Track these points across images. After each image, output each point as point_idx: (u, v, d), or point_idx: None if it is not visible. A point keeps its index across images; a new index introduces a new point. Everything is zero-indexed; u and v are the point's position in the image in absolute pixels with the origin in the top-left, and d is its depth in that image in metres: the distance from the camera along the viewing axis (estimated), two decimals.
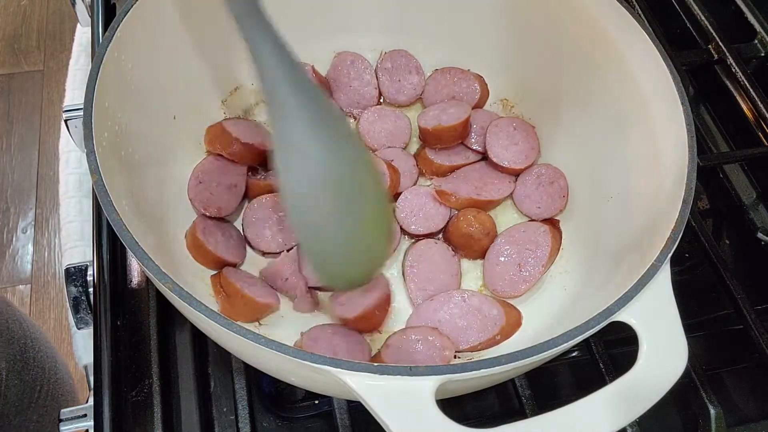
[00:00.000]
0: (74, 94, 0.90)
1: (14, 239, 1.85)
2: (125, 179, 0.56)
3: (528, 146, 0.71)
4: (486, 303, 0.61)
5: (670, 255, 0.49)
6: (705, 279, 0.69)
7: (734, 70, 0.79)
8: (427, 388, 0.42)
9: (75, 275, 0.63)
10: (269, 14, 0.50)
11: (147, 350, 0.59)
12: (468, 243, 0.66)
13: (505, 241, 0.66)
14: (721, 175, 0.78)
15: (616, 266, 0.57)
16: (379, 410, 0.41)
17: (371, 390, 0.42)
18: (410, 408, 0.42)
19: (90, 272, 0.64)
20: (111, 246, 0.64)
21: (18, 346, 0.83)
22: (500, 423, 0.42)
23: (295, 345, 0.58)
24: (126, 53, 0.58)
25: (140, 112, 0.61)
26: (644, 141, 0.61)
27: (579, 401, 0.43)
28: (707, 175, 0.77)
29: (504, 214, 0.71)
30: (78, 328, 0.66)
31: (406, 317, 0.63)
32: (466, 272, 0.67)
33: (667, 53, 0.59)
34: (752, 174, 0.78)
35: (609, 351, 0.60)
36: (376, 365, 0.42)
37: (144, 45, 0.61)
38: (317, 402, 0.61)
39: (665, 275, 0.49)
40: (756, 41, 0.84)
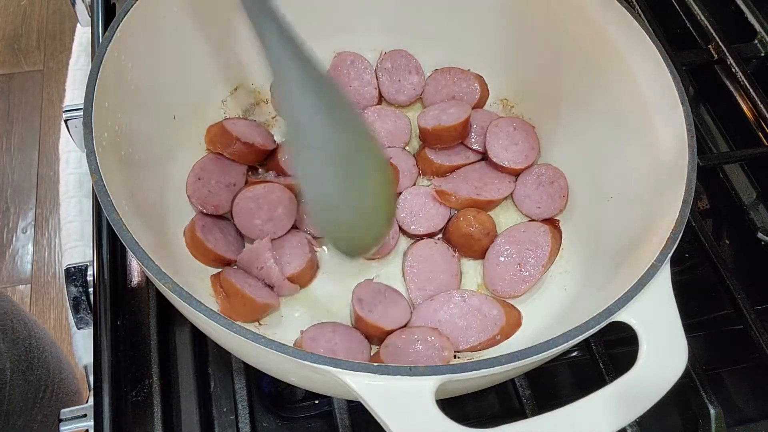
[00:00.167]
0: (74, 94, 0.90)
1: (14, 239, 1.85)
2: (125, 179, 0.56)
3: (528, 146, 0.71)
4: (486, 303, 0.61)
5: (670, 255, 0.49)
6: (705, 279, 0.69)
7: (734, 70, 0.79)
8: (427, 388, 0.42)
9: (75, 275, 0.63)
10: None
11: (147, 350, 0.59)
12: (468, 243, 0.66)
13: (505, 241, 0.66)
14: (721, 175, 0.78)
15: (616, 266, 0.57)
16: (379, 410, 0.41)
17: (371, 390, 0.42)
18: (410, 408, 0.42)
19: (90, 272, 0.64)
20: (111, 246, 0.64)
21: (23, 346, 0.83)
22: (500, 423, 0.42)
23: (295, 344, 0.58)
24: (126, 53, 0.58)
25: (140, 112, 0.61)
26: (644, 141, 0.61)
27: (579, 401, 0.43)
28: (707, 175, 0.77)
29: (504, 214, 0.71)
30: (78, 328, 0.66)
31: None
32: (466, 272, 0.67)
33: (667, 53, 0.59)
34: (752, 174, 0.78)
35: (609, 351, 0.60)
36: (376, 365, 0.42)
37: (144, 45, 0.61)
38: (317, 402, 0.61)
39: (665, 275, 0.49)
40: (756, 41, 0.84)
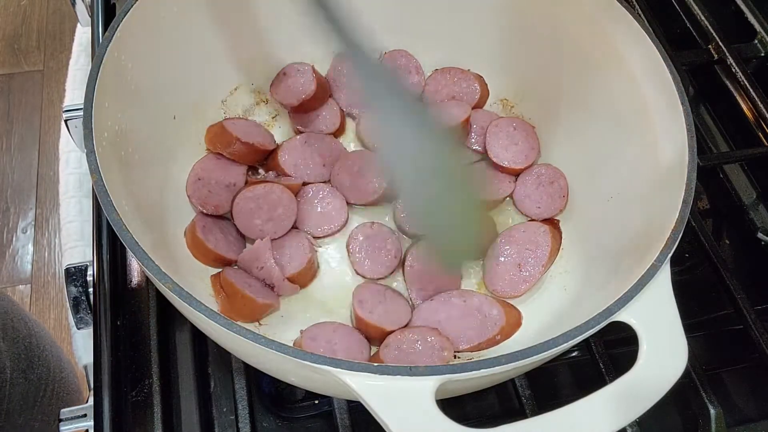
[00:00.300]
0: (74, 94, 0.90)
1: (14, 239, 1.85)
2: (125, 179, 0.56)
3: (528, 146, 0.71)
4: (486, 303, 0.61)
5: (670, 255, 0.49)
6: (705, 279, 0.69)
7: (734, 70, 0.79)
8: (427, 388, 0.42)
9: (75, 275, 0.63)
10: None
11: (147, 350, 0.59)
12: None
13: (505, 241, 0.66)
14: (721, 175, 0.78)
15: (616, 266, 0.57)
16: (379, 410, 0.41)
17: (371, 390, 0.42)
18: (410, 408, 0.42)
19: (90, 272, 0.64)
20: (111, 246, 0.64)
21: (23, 345, 0.83)
22: (500, 423, 0.42)
23: (295, 344, 0.58)
24: (126, 53, 0.58)
25: (140, 112, 0.61)
26: (644, 141, 0.61)
27: (579, 401, 0.43)
28: (707, 175, 0.77)
29: (504, 214, 0.71)
30: (78, 328, 0.66)
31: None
32: (466, 272, 0.67)
33: (667, 53, 0.59)
34: (752, 174, 0.78)
35: (609, 351, 0.60)
36: (376, 365, 0.42)
37: (144, 45, 0.61)
38: (317, 402, 0.61)
39: (665, 275, 0.49)
40: (756, 41, 0.84)
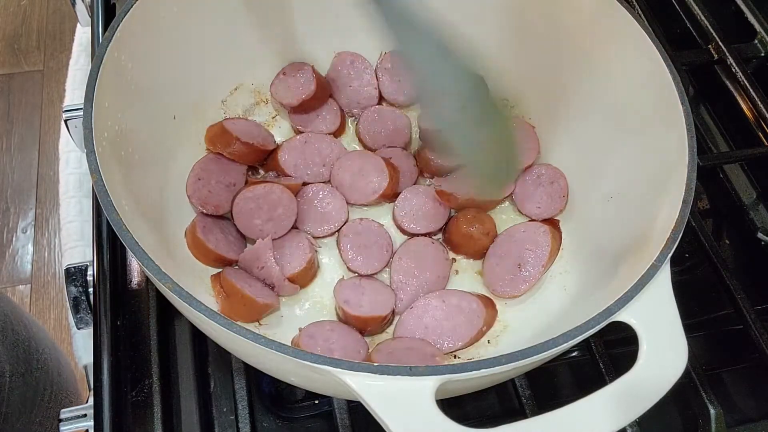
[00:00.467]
0: (74, 94, 0.90)
1: (14, 239, 1.85)
2: (125, 179, 0.56)
3: (528, 146, 0.71)
4: (464, 299, 0.62)
5: (670, 255, 0.49)
6: (705, 279, 0.69)
7: (734, 70, 0.79)
8: (427, 388, 0.42)
9: (75, 275, 0.63)
10: None
11: (147, 350, 0.59)
12: (468, 243, 0.66)
13: (505, 241, 0.66)
14: (721, 175, 0.78)
15: (616, 266, 0.57)
16: (379, 410, 0.41)
17: (371, 390, 0.42)
18: (410, 408, 0.42)
19: (90, 272, 0.64)
20: (111, 246, 0.64)
21: (22, 349, 0.83)
22: (500, 423, 0.42)
23: (292, 342, 0.58)
24: (126, 53, 0.58)
25: (140, 112, 0.61)
26: (644, 141, 0.61)
27: (579, 401, 0.43)
28: (707, 175, 0.77)
29: (504, 214, 0.71)
30: (78, 328, 0.66)
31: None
32: (464, 271, 0.67)
33: (667, 53, 0.59)
34: (752, 174, 0.78)
35: (609, 351, 0.60)
36: (376, 365, 0.42)
37: (144, 45, 0.61)
38: (317, 402, 0.61)
39: (665, 275, 0.49)
40: (756, 41, 0.84)
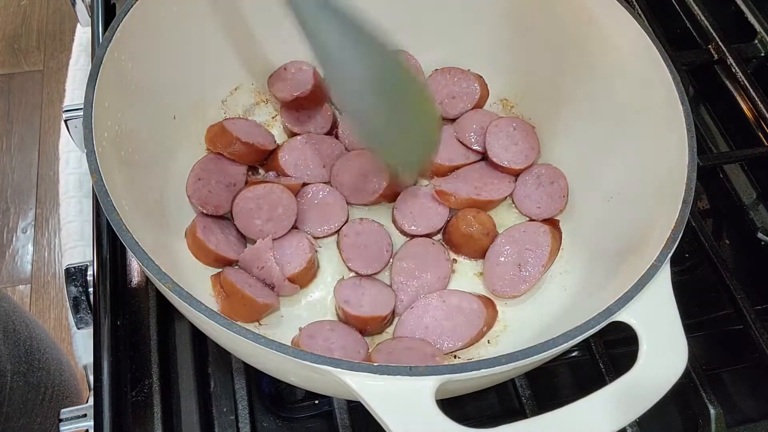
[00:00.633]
0: (74, 94, 0.90)
1: (14, 239, 1.85)
2: (125, 179, 0.56)
3: (528, 146, 0.71)
4: (465, 299, 0.62)
5: (670, 255, 0.49)
6: (705, 279, 0.69)
7: (734, 70, 0.79)
8: (427, 388, 0.42)
9: (75, 275, 0.63)
10: None
11: (147, 350, 0.59)
12: (468, 243, 0.66)
13: (505, 241, 0.66)
14: (721, 175, 0.78)
15: (616, 266, 0.57)
16: (379, 410, 0.41)
17: (371, 390, 0.42)
18: (410, 408, 0.42)
19: (90, 272, 0.64)
20: (111, 246, 0.64)
21: (23, 348, 0.83)
22: (500, 423, 0.42)
23: (292, 341, 0.58)
24: (126, 53, 0.58)
25: (140, 112, 0.61)
26: (644, 141, 0.61)
27: (579, 401, 0.43)
28: (707, 175, 0.77)
29: (504, 214, 0.71)
30: (78, 328, 0.66)
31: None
32: (464, 271, 0.67)
33: (667, 53, 0.59)
34: (752, 174, 0.78)
35: (609, 351, 0.60)
36: (376, 365, 0.42)
37: (144, 45, 0.61)
38: (317, 402, 0.61)
39: (665, 275, 0.49)
40: (756, 41, 0.84)
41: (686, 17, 0.86)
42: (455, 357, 0.61)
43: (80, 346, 0.77)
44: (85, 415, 0.59)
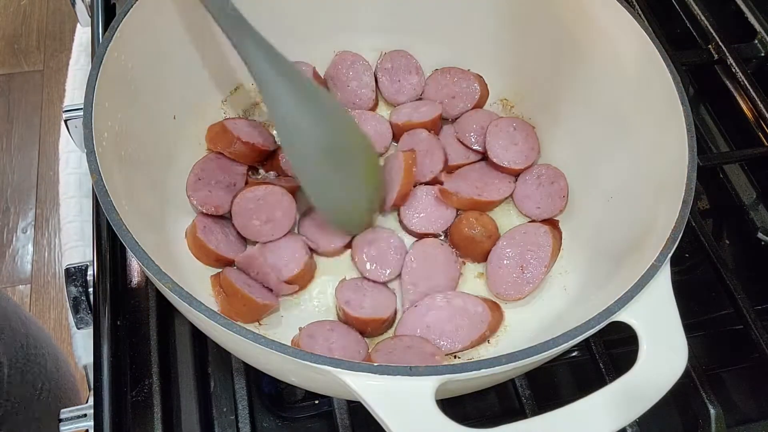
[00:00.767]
0: (74, 94, 0.90)
1: (14, 239, 1.85)
2: (125, 179, 0.56)
3: (528, 146, 0.71)
4: (470, 301, 0.62)
5: (670, 255, 0.49)
6: (705, 279, 0.69)
7: (734, 70, 0.79)
8: (427, 388, 0.42)
9: (75, 275, 0.63)
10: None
11: (147, 350, 0.59)
12: (470, 245, 0.66)
13: (507, 244, 0.66)
14: (721, 175, 0.78)
15: (616, 266, 0.57)
16: (379, 410, 0.41)
17: (371, 390, 0.42)
18: (410, 408, 0.42)
19: (90, 272, 0.64)
20: (111, 246, 0.64)
21: (20, 344, 0.83)
22: (500, 423, 0.42)
23: (292, 342, 0.58)
24: (126, 53, 0.58)
25: (140, 112, 0.61)
26: (644, 141, 0.61)
27: (579, 401, 0.43)
28: (707, 175, 0.77)
29: (504, 215, 0.71)
30: (78, 328, 0.66)
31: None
32: (466, 273, 0.67)
33: (667, 53, 0.59)
34: (752, 174, 0.78)
35: (609, 351, 0.60)
36: (376, 365, 0.42)
37: (144, 45, 0.61)
38: (317, 402, 0.61)
39: (665, 275, 0.49)
40: (756, 41, 0.84)
41: (686, 17, 0.86)
42: (455, 357, 0.61)
43: (80, 346, 0.77)
44: (85, 415, 0.59)
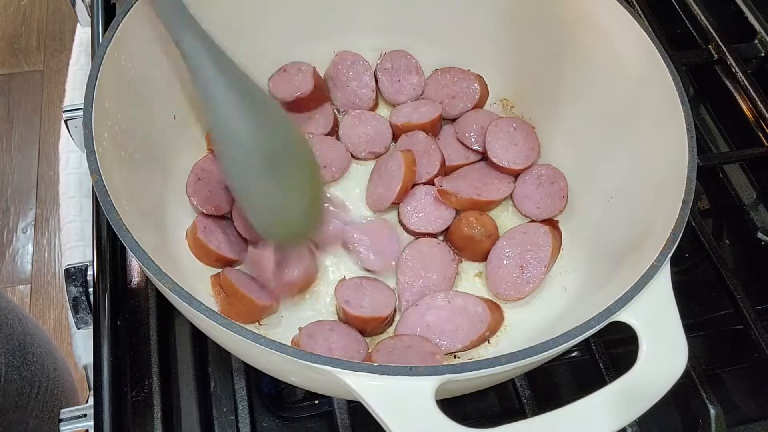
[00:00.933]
0: (74, 94, 0.90)
1: (14, 239, 1.85)
2: (125, 179, 0.56)
3: (528, 147, 0.71)
4: (470, 301, 0.62)
5: (670, 255, 0.49)
6: (705, 279, 0.69)
7: (734, 70, 0.79)
8: (427, 388, 0.42)
9: (75, 275, 0.63)
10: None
11: (147, 350, 0.59)
12: (469, 245, 0.66)
13: (506, 244, 0.66)
14: (721, 175, 0.78)
15: (616, 266, 0.57)
16: (379, 410, 0.41)
17: (371, 390, 0.42)
18: (410, 408, 0.42)
19: (90, 272, 0.64)
20: (111, 246, 0.64)
21: (17, 342, 0.83)
22: (500, 423, 0.42)
23: (292, 342, 0.58)
24: (126, 53, 0.58)
25: (140, 112, 0.61)
26: (644, 141, 0.61)
27: (579, 401, 0.43)
28: (707, 175, 0.77)
29: (503, 215, 0.71)
30: (78, 328, 0.66)
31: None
32: (466, 273, 0.67)
33: (667, 53, 0.59)
34: (752, 174, 0.78)
35: (609, 351, 0.60)
36: (376, 365, 0.42)
37: (144, 45, 0.61)
38: (317, 402, 0.61)
39: (665, 275, 0.49)
40: (756, 41, 0.84)
41: (686, 17, 0.86)
42: (455, 357, 0.61)
43: (80, 346, 0.77)
44: (85, 415, 0.59)
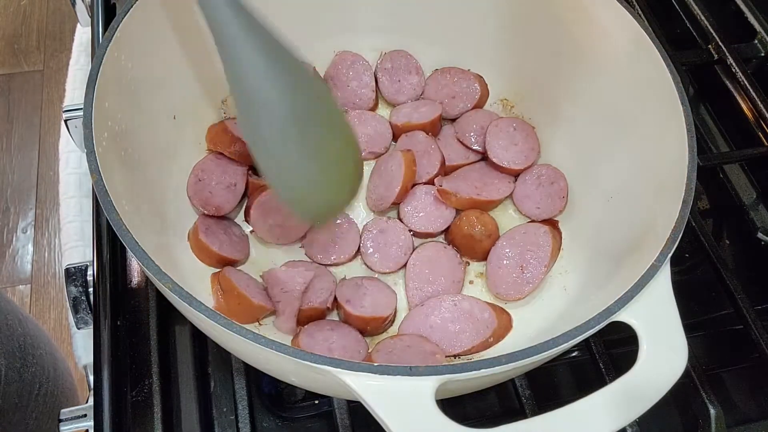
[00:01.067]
0: (74, 94, 0.90)
1: (14, 239, 1.85)
2: (125, 179, 0.56)
3: (528, 147, 0.71)
4: (477, 306, 0.61)
5: (670, 255, 0.49)
6: (705, 279, 0.69)
7: (734, 70, 0.79)
8: (427, 388, 0.42)
9: (75, 275, 0.63)
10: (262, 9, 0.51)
11: (147, 350, 0.59)
12: (469, 244, 0.66)
13: (506, 244, 0.66)
14: (721, 175, 0.78)
15: (616, 266, 0.57)
16: (379, 410, 0.41)
17: (371, 390, 0.42)
18: (410, 408, 0.42)
19: (90, 272, 0.64)
20: (111, 246, 0.64)
21: (17, 343, 0.83)
22: (500, 423, 0.42)
23: (292, 341, 0.58)
24: (126, 53, 0.58)
25: (140, 112, 0.61)
26: (644, 141, 0.61)
27: (579, 401, 0.43)
28: (707, 175, 0.77)
29: (503, 215, 0.71)
30: (78, 328, 0.66)
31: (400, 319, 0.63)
32: (466, 273, 0.67)
33: (667, 53, 0.59)
34: (752, 174, 0.78)
35: (609, 351, 0.60)
36: (376, 365, 0.42)
37: (144, 45, 0.61)
38: (317, 402, 0.61)
39: (665, 275, 0.49)
40: (756, 41, 0.84)
41: (686, 17, 0.86)
42: (455, 357, 0.61)
43: (80, 346, 0.77)
44: (85, 415, 0.59)
